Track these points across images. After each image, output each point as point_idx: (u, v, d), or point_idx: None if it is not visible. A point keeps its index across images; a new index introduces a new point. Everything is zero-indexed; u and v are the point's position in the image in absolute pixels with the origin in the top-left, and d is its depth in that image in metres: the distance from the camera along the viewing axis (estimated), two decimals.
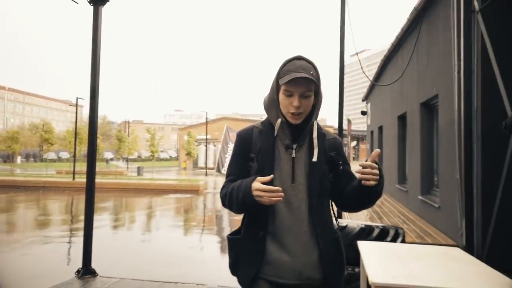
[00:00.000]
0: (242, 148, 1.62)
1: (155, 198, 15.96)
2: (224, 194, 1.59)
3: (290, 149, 1.57)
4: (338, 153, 1.65)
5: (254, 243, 1.55)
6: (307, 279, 1.53)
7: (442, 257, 2.70)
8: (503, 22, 3.96)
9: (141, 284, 4.11)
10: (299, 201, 1.54)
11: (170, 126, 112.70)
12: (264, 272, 1.53)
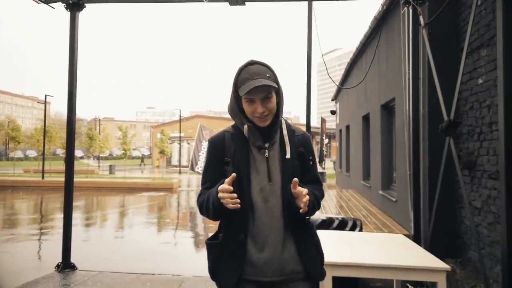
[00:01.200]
0: (216, 154, 1.64)
1: (128, 196, 15.97)
2: (200, 202, 1.61)
3: (263, 149, 1.60)
4: (307, 148, 1.68)
5: (234, 246, 1.56)
6: (290, 273, 1.57)
7: (387, 243, 3.14)
8: (445, 35, 4.46)
9: (120, 276, 4.36)
10: (276, 198, 1.57)
11: (142, 124, 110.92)
12: (247, 274, 1.55)
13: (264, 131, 1.59)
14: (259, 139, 1.60)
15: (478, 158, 3.92)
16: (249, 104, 1.54)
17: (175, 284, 4.17)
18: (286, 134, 1.61)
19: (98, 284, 4.04)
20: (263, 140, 1.60)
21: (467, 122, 4.15)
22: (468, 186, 4.13)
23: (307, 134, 1.73)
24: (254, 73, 1.51)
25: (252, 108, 1.54)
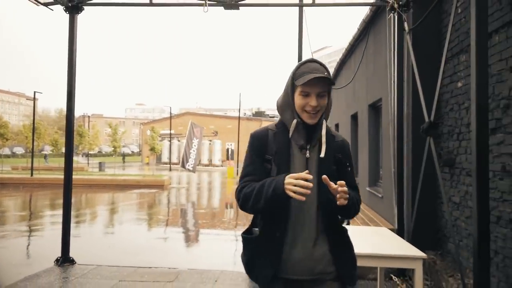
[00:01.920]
0: (258, 150, 1.65)
1: (119, 193, 16.04)
2: (246, 193, 1.59)
3: (304, 149, 1.61)
4: (345, 155, 1.69)
5: (271, 243, 1.58)
6: (320, 274, 1.59)
7: (371, 235, 3.39)
8: (428, 40, 4.71)
9: (117, 269, 4.54)
10: (311, 199, 1.57)
11: (132, 121, 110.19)
12: (280, 270, 1.58)
13: (309, 130, 1.61)
14: (302, 138, 1.61)
15: (457, 157, 4.18)
16: (303, 97, 1.57)
17: (172, 276, 4.36)
18: (324, 135, 1.61)
19: (97, 277, 4.21)
20: (306, 140, 1.62)
21: (448, 122, 4.41)
22: (448, 182, 4.40)
23: (347, 141, 1.75)
24: (314, 68, 1.56)
25: (305, 101, 1.56)
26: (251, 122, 40.58)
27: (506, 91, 3.25)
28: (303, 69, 1.57)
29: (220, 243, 7.55)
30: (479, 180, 2.51)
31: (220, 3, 4.70)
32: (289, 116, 1.62)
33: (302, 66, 1.59)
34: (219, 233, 8.37)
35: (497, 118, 3.38)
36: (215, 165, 38.37)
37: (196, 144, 19.58)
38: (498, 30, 3.40)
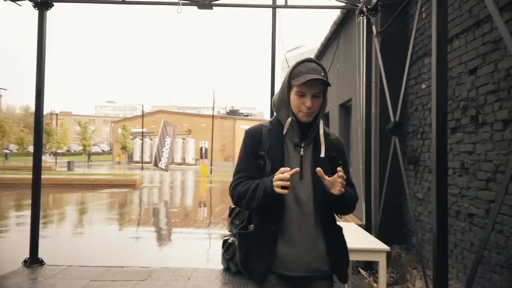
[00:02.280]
0: (252, 146, 1.67)
1: (89, 193, 15.68)
2: (241, 191, 1.61)
3: (299, 147, 1.63)
4: (339, 153, 1.70)
5: (266, 238, 1.60)
6: (315, 271, 1.60)
7: None
8: (395, 43, 4.91)
9: (89, 269, 4.49)
10: (307, 197, 1.60)
11: (102, 118, 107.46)
12: (274, 266, 1.59)
13: (304, 129, 1.63)
14: (297, 136, 1.64)
15: (421, 155, 4.40)
16: (299, 97, 1.58)
17: (144, 275, 4.35)
18: (322, 134, 1.63)
19: (68, 277, 4.16)
20: (301, 138, 1.64)
21: (413, 122, 4.62)
22: (412, 179, 4.62)
23: (341, 139, 1.78)
24: (312, 68, 1.57)
25: (301, 101, 1.58)
26: (225, 120, 40.51)
27: (465, 93, 3.46)
28: (300, 68, 1.59)
29: (193, 242, 7.55)
30: (439, 177, 2.67)
31: (193, 2, 4.72)
32: (285, 114, 1.64)
33: (299, 66, 1.61)
34: (192, 232, 8.37)
35: (457, 119, 3.59)
36: (189, 164, 38.07)
37: (169, 142, 19.38)
38: (458, 35, 3.61)
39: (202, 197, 15.47)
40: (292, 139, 1.64)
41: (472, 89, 3.33)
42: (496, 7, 2.29)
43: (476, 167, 3.28)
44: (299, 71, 1.57)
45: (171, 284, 4.08)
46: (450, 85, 3.73)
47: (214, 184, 20.37)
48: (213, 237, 7.69)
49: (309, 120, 1.61)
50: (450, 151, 3.71)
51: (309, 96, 1.56)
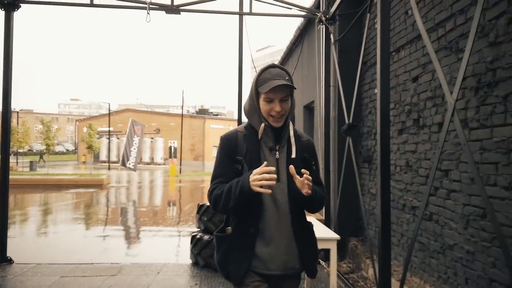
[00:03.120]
0: (228, 151, 1.71)
1: (53, 193, 15.34)
2: (217, 195, 1.66)
3: (274, 150, 1.69)
4: (311, 154, 1.79)
5: (244, 239, 1.65)
6: (290, 269, 1.69)
7: None
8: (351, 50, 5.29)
9: (58, 266, 4.58)
10: (284, 198, 1.66)
11: (66, 117, 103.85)
12: (253, 266, 1.65)
13: (277, 132, 1.70)
14: (271, 140, 1.70)
15: (374, 154, 4.80)
16: (267, 103, 1.64)
17: (114, 270, 4.50)
18: (292, 136, 1.70)
19: (38, 275, 4.24)
20: (275, 141, 1.70)
21: (367, 124, 5.02)
22: (367, 176, 5.01)
23: (312, 140, 1.86)
24: (276, 74, 1.64)
25: (269, 107, 1.64)
26: (194, 119, 40.37)
27: (409, 98, 3.86)
28: (265, 75, 1.64)
29: (163, 239, 7.68)
30: (382, 174, 3.02)
31: (162, 7, 4.90)
32: (257, 120, 1.69)
33: (263, 73, 1.66)
34: (161, 230, 8.49)
35: (403, 121, 3.99)
36: (158, 163, 37.68)
37: (137, 142, 19.24)
38: (404, 46, 4.01)
39: (171, 196, 15.51)
40: (267, 143, 1.70)
41: (415, 95, 3.73)
42: (424, 28, 2.64)
43: (418, 164, 3.68)
44: (264, 78, 1.64)
45: (141, 278, 4.26)
46: (397, 91, 4.14)
47: (183, 183, 20.39)
48: (182, 234, 7.86)
49: (280, 125, 1.67)
50: (398, 151, 4.12)
51: (277, 101, 1.63)
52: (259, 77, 1.67)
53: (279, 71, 1.65)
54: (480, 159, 2.72)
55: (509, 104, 2.43)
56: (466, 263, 2.90)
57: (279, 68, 1.68)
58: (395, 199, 4.14)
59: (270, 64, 1.73)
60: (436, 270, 3.34)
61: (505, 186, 2.47)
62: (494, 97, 2.57)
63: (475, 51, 2.77)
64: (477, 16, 2.19)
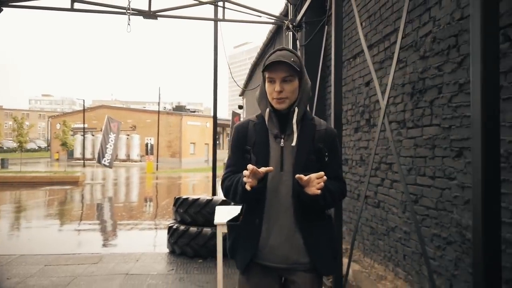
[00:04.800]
0: (239, 141, 1.70)
1: (28, 191, 15.26)
2: (227, 186, 1.67)
3: (279, 138, 1.62)
4: (328, 144, 1.65)
5: (250, 229, 1.64)
6: (295, 263, 1.61)
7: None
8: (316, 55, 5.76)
9: (42, 257, 4.87)
10: (287, 189, 1.59)
11: (37, 113, 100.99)
12: (257, 257, 1.64)
13: (282, 118, 1.62)
14: (276, 127, 1.63)
15: None
16: (270, 84, 1.59)
17: (96, 259, 4.83)
18: (295, 123, 1.59)
19: (23, 264, 4.52)
20: (280, 129, 1.63)
21: (329, 123, 5.50)
22: None
23: (331, 129, 1.71)
24: (280, 55, 1.58)
25: (272, 87, 1.58)
26: (171, 116, 40.29)
27: (362, 101, 4.36)
28: (270, 57, 1.60)
29: (140, 232, 7.98)
30: None
31: (139, 13, 5.22)
32: (263, 106, 1.65)
33: (271, 55, 1.62)
34: (139, 223, 8.77)
35: (357, 121, 4.49)
36: (134, 160, 37.46)
37: (113, 139, 19.25)
38: (359, 53, 4.50)
39: (148, 193, 15.71)
40: (272, 130, 1.63)
41: (367, 98, 4.24)
42: (365, 44, 3.12)
43: (369, 159, 4.19)
44: (269, 59, 1.59)
45: (121, 265, 4.61)
46: (353, 93, 4.64)
47: (160, 180, 20.55)
48: (160, 227, 8.17)
49: (282, 108, 1.59)
50: (354, 147, 4.62)
51: (278, 81, 1.56)
52: (266, 60, 1.61)
53: (284, 53, 1.61)
54: (414, 154, 3.24)
55: (434, 108, 2.94)
56: (404, 242, 3.41)
57: (286, 50, 1.64)
58: (352, 190, 4.64)
59: (279, 47, 1.68)
60: (383, 250, 3.86)
61: (431, 176, 2.98)
62: (423, 102, 3.08)
63: (411, 62, 3.28)
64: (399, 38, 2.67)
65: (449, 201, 2.75)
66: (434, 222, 2.94)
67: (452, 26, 2.68)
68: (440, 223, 2.86)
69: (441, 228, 2.85)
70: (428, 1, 3.01)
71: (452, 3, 2.68)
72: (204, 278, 4.19)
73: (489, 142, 1.53)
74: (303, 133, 1.62)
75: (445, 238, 2.79)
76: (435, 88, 2.92)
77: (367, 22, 4.27)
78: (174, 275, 4.32)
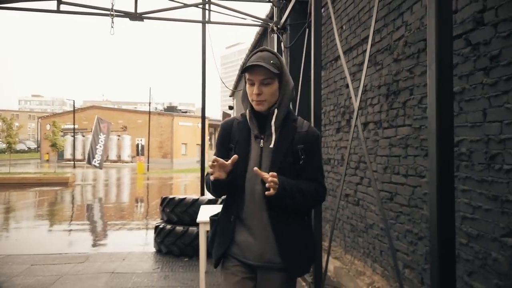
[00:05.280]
0: (224, 139, 1.73)
1: (18, 192, 15.17)
2: (207, 180, 1.68)
3: (259, 139, 1.65)
4: (307, 147, 1.65)
5: (226, 225, 1.68)
6: (268, 262, 1.63)
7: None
8: (300, 56, 5.86)
9: (28, 257, 4.91)
10: (261, 188, 1.59)
11: (27, 114, 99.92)
12: (232, 251, 1.67)
13: (262, 119, 1.65)
14: (256, 127, 1.66)
15: None
16: (250, 86, 1.61)
17: (82, 258, 4.88)
18: (273, 125, 1.62)
19: (9, 264, 4.56)
20: (260, 129, 1.65)
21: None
22: None
23: (313, 131, 1.70)
24: (260, 57, 1.59)
25: (251, 90, 1.60)
26: (162, 117, 40.19)
27: (343, 102, 4.48)
28: (251, 58, 1.61)
29: (129, 232, 8.02)
30: None
31: (126, 15, 5.28)
32: (245, 106, 1.68)
33: (252, 57, 1.62)
34: (128, 223, 8.81)
35: (339, 121, 4.61)
36: (125, 161, 37.31)
37: (103, 139, 19.20)
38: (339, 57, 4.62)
39: (139, 193, 15.70)
40: (253, 130, 1.66)
41: (347, 99, 4.35)
42: (341, 50, 3.23)
43: (349, 158, 4.30)
44: (249, 60, 1.60)
45: (107, 264, 4.67)
46: (335, 94, 4.75)
47: (151, 180, 20.53)
48: (149, 227, 8.22)
49: (261, 109, 1.61)
50: (336, 147, 4.74)
51: (257, 83, 1.58)
52: (247, 61, 1.64)
53: (265, 54, 1.62)
54: (389, 153, 3.36)
55: (407, 109, 3.06)
56: (381, 238, 3.53)
57: (267, 51, 1.65)
58: (333, 189, 4.76)
59: (260, 48, 1.69)
60: (362, 247, 3.97)
61: (404, 174, 3.10)
62: (397, 103, 3.20)
63: (386, 65, 3.40)
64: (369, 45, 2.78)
65: (420, 198, 2.87)
66: (407, 218, 3.06)
67: (421, 30, 2.80)
68: (412, 219, 2.98)
69: (413, 224, 2.97)
70: (401, 7, 3.13)
71: (422, 8, 2.80)
72: (188, 276, 4.27)
73: (443, 141, 1.64)
74: (282, 135, 1.63)
75: (417, 233, 2.91)
76: (407, 90, 3.04)
77: (347, 25, 4.39)
78: (159, 273, 4.39)
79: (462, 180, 2.37)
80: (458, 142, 2.40)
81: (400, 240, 3.18)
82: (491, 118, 2.13)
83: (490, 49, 2.12)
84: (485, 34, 2.16)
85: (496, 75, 2.09)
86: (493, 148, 2.11)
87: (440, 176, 1.64)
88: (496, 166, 2.09)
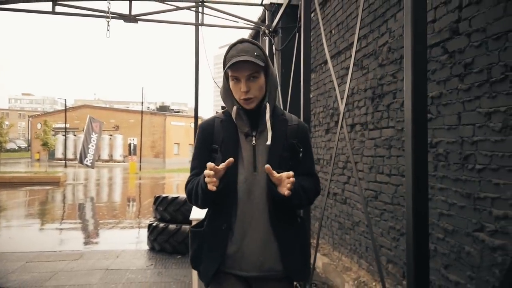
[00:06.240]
0: (205, 140, 1.58)
1: (8, 191, 15.12)
2: (189, 189, 1.54)
3: (250, 136, 1.52)
4: (301, 140, 1.57)
5: (216, 236, 1.50)
6: (269, 271, 1.49)
7: None
8: (291, 59, 6.01)
9: (22, 254, 4.98)
10: (261, 190, 1.48)
11: (17, 112, 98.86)
12: (226, 266, 1.49)
13: (252, 116, 1.52)
14: (246, 125, 1.53)
15: None
16: (235, 83, 1.48)
17: (76, 256, 4.97)
18: (268, 120, 1.50)
19: (3, 261, 4.63)
20: (251, 126, 1.53)
21: None
22: None
23: (303, 124, 1.64)
24: (242, 50, 1.45)
25: (238, 86, 1.47)
26: (155, 116, 40.13)
27: (332, 103, 4.63)
28: (231, 52, 1.47)
29: (122, 231, 8.10)
30: None
31: (120, 17, 5.38)
32: (230, 103, 1.55)
33: (231, 49, 1.49)
34: (120, 222, 8.88)
35: (328, 123, 4.76)
36: (117, 161, 37.20)
37: (95, 139, 19.17)
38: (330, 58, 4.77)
39: (131, 193, 15.74)
40: (242, 128, 1.53)
41: (336, 101, 4.50)
42: (328, 55, 3.38)
43: (338, 158, 4.46)
44: (230, 55, 1.47)
45: (101, 261, 4.76)
46: (324, 96, 4.91)
47: (143, 180, 20.55)
48: (141, 226, 8.31)
49: (251, 107, 1.50)
50: (325, 147, 4.89)
51: (243, 80, 1.45)
52: (227, 54, 1.49)
53: (246, 46, 1.48)
54: (374, 153, 3.51)
55: (391, 112, 3.22)
56: (366, 235, 3.69)
57: (248, 42, 1.50)
58: (323, 188, 4.91)
59: (239, 39, 1.53)
60: (349, 244, 4.13)
61: (388, 173, 3.26)
62: (382, 106, 3.36)
63: (372, 69, 3.56)
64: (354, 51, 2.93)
65: (402, 196, 3.03)
66: (390, 215, 3.22)
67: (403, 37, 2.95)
68: (395, 216, 3.14)
69: (396, 221, 3.13)
70: (385, 14, 3.29)
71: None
72: (181, 272, 4.39)
73: (418, 141, 1.79)
74: (276, 130, 1.52)
75: (399, 230, 3.07)
76: (391, 93, 3.20)
77: (336, 30, 4.55)
78: (152, 270, 4.50)
79: (439, 179, 2.53)
80: (436, 144, 2.56)
81: (384, 236, 3.34)
82: (465, 121, 2.29)
83: (464, 57, 2.28)
84: (460, 43, 2.32)
85: (469, 81, 2.25)
86: (467, 149, 2.27)
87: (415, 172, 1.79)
88: (469, 166, 2.25)
